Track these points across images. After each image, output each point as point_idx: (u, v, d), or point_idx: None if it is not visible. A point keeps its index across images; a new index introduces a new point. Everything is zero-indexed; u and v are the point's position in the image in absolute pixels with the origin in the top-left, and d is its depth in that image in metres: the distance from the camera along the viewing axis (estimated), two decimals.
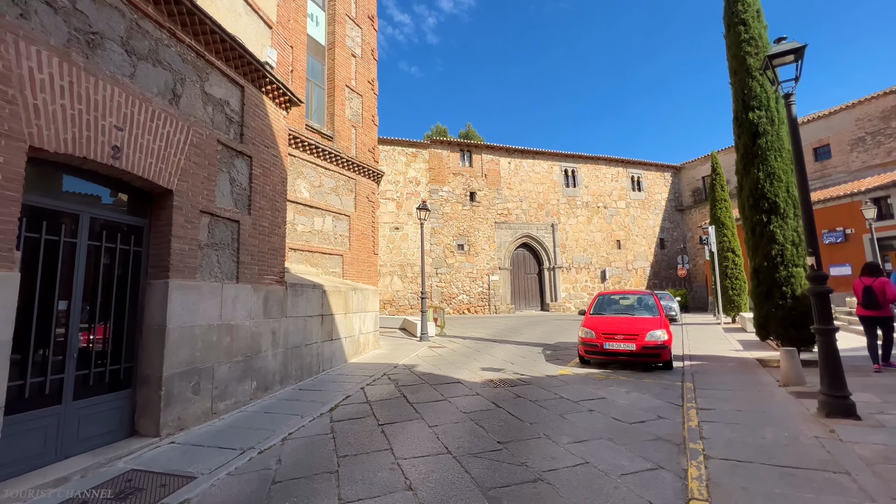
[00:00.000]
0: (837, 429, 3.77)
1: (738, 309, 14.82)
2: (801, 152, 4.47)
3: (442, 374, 7.20)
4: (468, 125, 44.55)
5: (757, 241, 7.15)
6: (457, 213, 24.57)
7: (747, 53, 7.35)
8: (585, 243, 27.24)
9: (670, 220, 30.31)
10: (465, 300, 24.02)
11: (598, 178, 28.48)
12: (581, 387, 6.04)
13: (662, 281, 28.97)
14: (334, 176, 9.44)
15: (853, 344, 8.28)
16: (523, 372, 7.21)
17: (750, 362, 7.53)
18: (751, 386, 5.70)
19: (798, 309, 6.70)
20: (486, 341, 11.48)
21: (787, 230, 6.87)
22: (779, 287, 6.87)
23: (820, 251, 4.34)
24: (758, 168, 7.13)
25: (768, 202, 7.00)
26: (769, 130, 7.09)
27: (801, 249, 6.84)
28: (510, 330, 14.41)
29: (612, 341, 7.15)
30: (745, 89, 7.35)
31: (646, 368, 7.19)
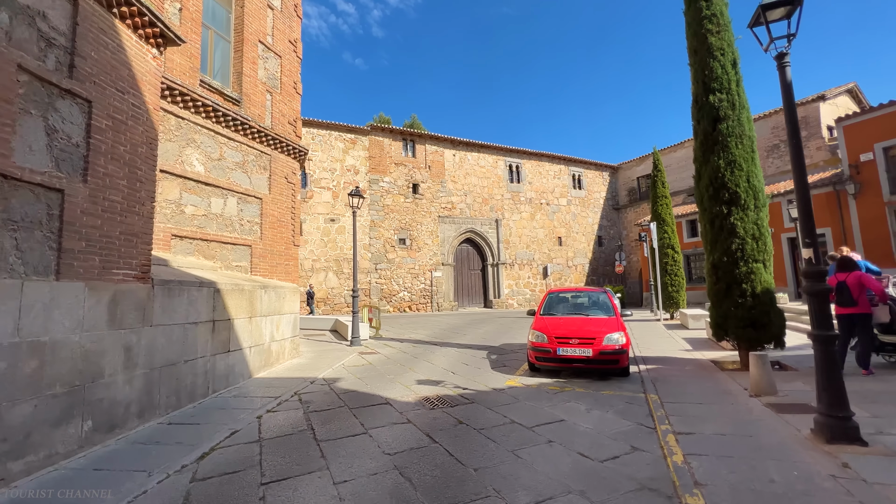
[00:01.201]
0: (850, 461, 3.04)
1: (677, 305, 14.98)
2: (796, 124, 3.75)
3: (368, 391, 5.90)
4: (413, 117, 43.11)
5: (716, 235, 6.63)
6: (399, 205, 23.16)
7: (708, 31, 6.79)
8: (529, 239, 27.05)
9: (608, 218, 31.12)
10: (406, 297, 22.72)
11: (542, 174, 28.43)
12: (534, 404, 5.04)
13: (600, 277, 29.66)
14: (241, 149, 7.71)
15: (796, 342, 8.16)
16: (466, 385, 6.11)
17: (705, 365, 7.03)
18: (720, 397, 5.03)
19: (758, 308, 6.23)
20: (426, 344, 10.31)
21: (747, 223, 6.38)
22: (738, 284, 6.37)
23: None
24: (718, 155, 6.60)
25: (729, 192, 6.48)
26: (730, 115, 6.57)
27: (761, 244, 6.39)
28: (452, 330, 13.37)
29: (567, 346, 6.27)
30: (706, 70, 6.79)
31: (602, 376, 6.40)
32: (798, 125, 3.72)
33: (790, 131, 3.78)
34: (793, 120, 3.75)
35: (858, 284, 5.51)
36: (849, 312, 5.67)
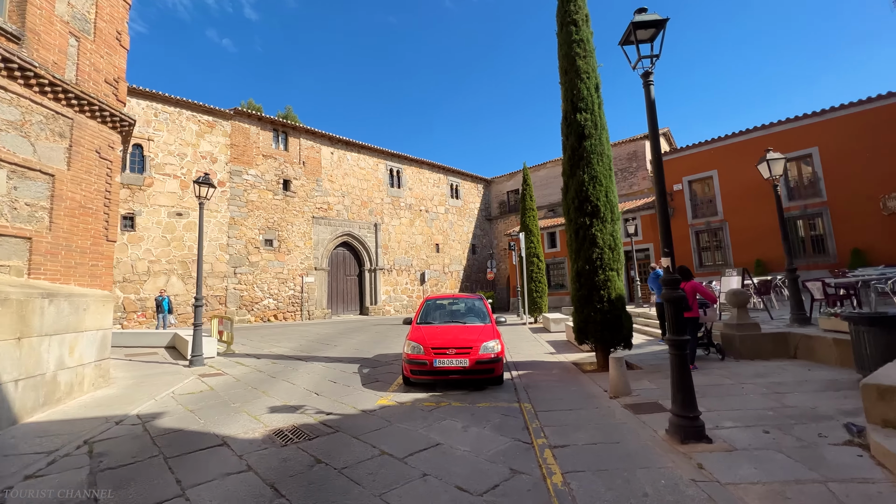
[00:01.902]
0: (703, 461, 3.19)
1: (541, 310, 16.23)
2: (657, 138, 3.99)
3: (200, 428, 4.62)
4: (288, 108, 39.76)
5: (580, 244, 7.07)
6: (266, 202, 20.68)
7: (577, 55, 7.29)
8: (407, 245, 26.89)
9: (481, 227, 32.92)
10: (271, 305, 20.32)
11: (422, 182, 28.66)
12: (408, 427, 4.49)
13: (473, 284, 31.10)
14: (19, 103, 5.58)
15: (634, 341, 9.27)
16: (331, 409, 5.27)
17: (569, 368, 7.43)
18: (585, 401, 5.19)
19: (612, 312, 6.78)
20: (289, 360, 9.01)
21: (605, 234, 6.94)
22: (597, 290, 6.86)
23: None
24: (583, 170, 7.07)
25: (591, 205, 6.97)
26: (594, 134, 7.12)
27: (615, 253, 6.99)
28: (322, 341, 12.15)
29: (444, 357, 5.91)
30: (575, 90, 7.26)
31: (477, 386, 6.20)
32: (659, 139, 3.96)
33: (653, 146, 4.00)
34: (654, 134, 3.98)
35: (693, 292, 6.34)
36: (686, 316, 6.51)
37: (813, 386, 4.96)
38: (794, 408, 4.25)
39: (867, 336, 4.82)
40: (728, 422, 3.97)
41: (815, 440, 3.42)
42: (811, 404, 4.31)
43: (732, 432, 3.71)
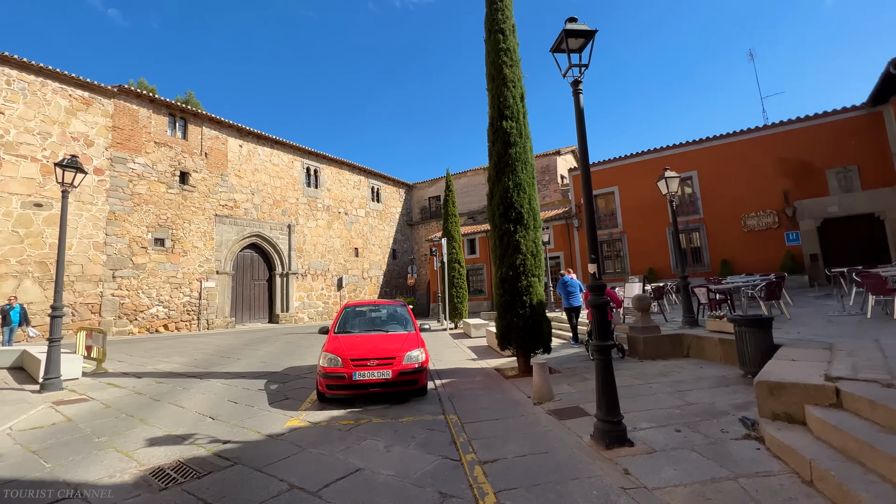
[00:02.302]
0: (628, 466, 3.22)
1: (461, 315, 16.33)
2: (585, 147, 4.05)
3: (45, 475, 3.62)
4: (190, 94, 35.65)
5: (504, 250, 7.11)
6: (158, 196, 18.11)
7: (504, 63, 7.39)
8: (324, 249, 25.52)
9: (402, 232, 32.58)
10: (161, 314, 17.76)
11: (342, 182, 27.51)
12: (323, 451, 3.98)
13: (393, 289, 30.57)
14: None
15: None
16: (229, 435, 4.52)
17: (491, 374, 7.40)
18: (511, 408, 5.12)
19: (534, 318, 6.91)
20: (180, 378, 7.77)
21: (528, 241, 7.06)
22: (520, 296, 6.94)
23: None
24: (508, 177, 7.14)
25: (515, 212, 7.06)
26: (518, 142, 7.24)
27: (537, 260, 7.15)
28: (223, 354, 10.79)
29: (365, 369, 5.45)
30: (501, 98, 7.34)
31: (400, 399, 5.83)
32: (587, 148, 4.03)
33: (581, 154, 4.06)
34: (583, 142, 4.05)
35: (611, 297, 6.71)
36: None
37: (707, 383, 5.45)
38: (696, 405, 4.58)
39: (748, 336, 5.43)
40: (644, 423, 4.13)
41: (720, 436, 3.66)
42: (709, 400, 4.69)
43: (650, 433, 3.85)
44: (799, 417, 3.48)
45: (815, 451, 2.93)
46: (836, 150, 16.35)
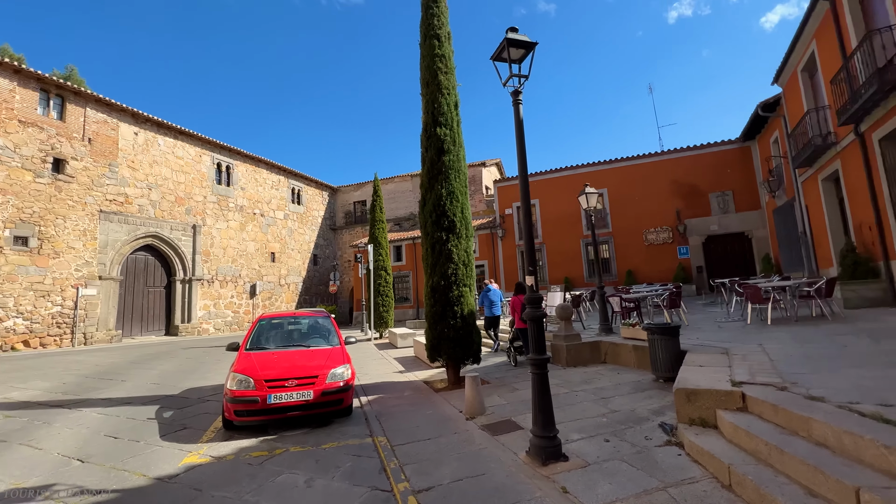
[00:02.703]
0: (566, 484, 3.17)
1: (387, 325, 15.85)
2: (524, 157, 4.02)
3: None
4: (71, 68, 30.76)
5: (436, 259, 6.94)
6: (21, 185, 15.11)
7: (439, 69, 7.28)
8: (236, 253, 23.33)
9: (324, 237, 31.09)
10: (20, 327, 14.74)
11: (258, 182, 25.48)
12: (228, 494, 3.39)
13: (313, 297, 28.94)
14: None
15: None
16: (104, 482, 3.68)
17: (420, 387, 7.14)
18: (443, 426, 4.91)
19: (465, 328, 6.81)
20: (38, 409, 6.33)
21: (460, 250, 6.97)
22: (451, 306, 6.81)
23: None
24: (441, 185, 7.01)
25: (448, 220, 6.93)
26: (452, 150, 7.15)
27: (469, 269, 7.08)
28: (103, 375, 9.14)
29: (282, 390, 4.86)
30: (436, 104, 7.21)
31: (323, 422, 5.31)
32: (526, 158, 4.00)
33: (520, 165, 4.02)
34: (522, 154, 4.01)
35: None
36: (525, 326, 7.12)
37: (626, 388, 5.75)
38: (619, 412, 4.77)
39: (660, 343, 5.85)
40: (575, 433, 4.16)
41: (645, 443, 3.80)
42: (630, 407, 4.91)
43: (582, 445, 3.87)
44: (711, 422, 3.74)
45: (730, 455, 3.12)
46: (717, 177, 18.93)
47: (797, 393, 3.50)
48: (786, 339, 5.98)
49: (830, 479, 2.39)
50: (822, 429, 2.81)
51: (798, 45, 11.62)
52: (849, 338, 5.61)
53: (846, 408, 3.02)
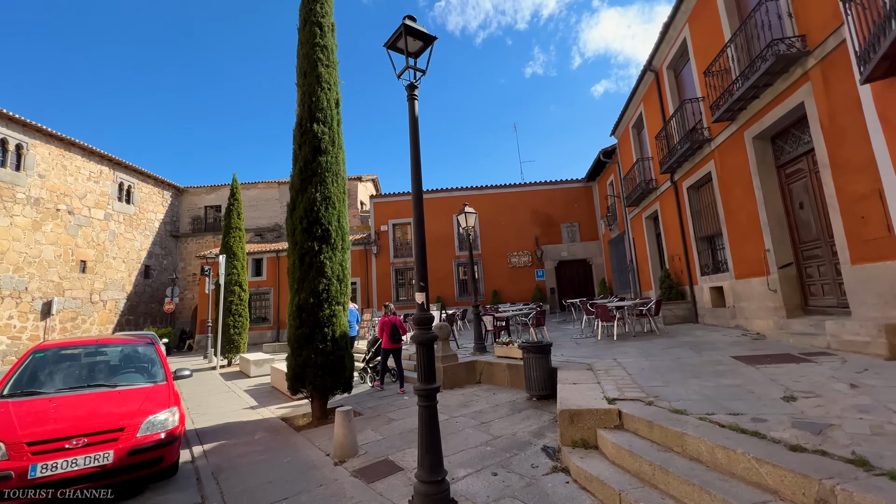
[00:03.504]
0: None
1: (238, 349, 13.55)
2: (418, 160, 3.58)
3: None
4: None
5: (305, 273, 5.98)
6: None
7: (319, 61, 6.50)
8: (24, 258, 17.65)
9: (163, 245, 25.98)
10: None
11: (68, 169, 20.00)
12: None
13: (141, 317, 23.63)
14: None
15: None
16: None
17: (278, 426, 5.96)
18: (306, 477, 3.99)
19: (336, 353, 5.96)
20: None
21: (334, 263, 6.16)
22: (321, 328, 5.90)
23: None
24: (316, 188, 6.15)
25: (321, 228, 6.08)
26: (330, 150, 6.37)
27: (343, 285, 6.29)
28: None
29: (59, 455, 3.34)
30: (314, 97, 6.38)
31: (132, 490, 3.85)
32: (419, 159, 3.57)
33: (413, 167, 3.56)
34: (416, 154, 3.57)
35: (401, 325, 7.53)
36: (397, 347, 7.56)
37: (504, 410, 5.64)
38: (501, 437, 4.55)
39: (534, 361, 5.95)
40: (461, 469, 3.75)
41: (532, 473, 3.58)
42: (511, 431, 4.75)
43: (470, 483, 3.47)
44: (593, 442, 3.73)
45: (618, 480, 3.06)
46: (567, 210, 21.68)
47: (662, 407, 3.71)
48: (633, 353, 6.67)
49: (717, 498, 2.41)
50: (695, 444, 2.92)
51: (630, 106, 14.06)
52: (678, 350, 6.52)
53: (707, 420, 3.24)
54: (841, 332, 5.17)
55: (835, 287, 6.27)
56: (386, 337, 7.71)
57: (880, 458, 2.33)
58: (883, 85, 4.37)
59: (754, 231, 7.55)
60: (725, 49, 7.46)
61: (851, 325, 5.01)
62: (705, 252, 10.06)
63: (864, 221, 5.16)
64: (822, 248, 6.44)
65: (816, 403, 3.37)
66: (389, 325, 7.53)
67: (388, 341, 7.56)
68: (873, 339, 4.71)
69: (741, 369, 4.84)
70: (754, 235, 7.57)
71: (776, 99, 6.55)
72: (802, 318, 6.58)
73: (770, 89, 6.62)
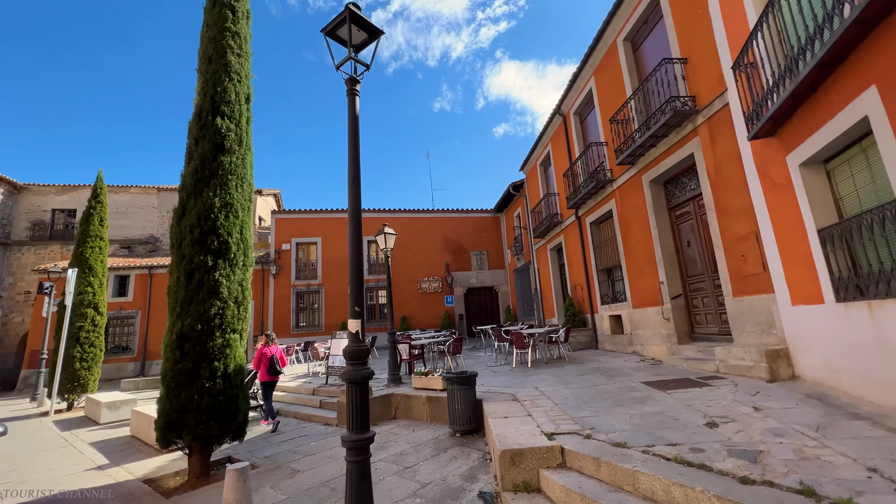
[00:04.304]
0: None
1: (85, 388, 10.78)
2: (357, 160, 3.07)
3: None
4: None
5: (193, 293, 4.87)
6: None
7: (230, 48, 5.62)
8: None
9: None
10: None
11: None
12: None
13: None
14: None
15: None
16: None
17: (139, 492, 4.59)
18: None
19: (228, 392, 4.89)
20: None
21: (233, 282, 5.15)
22: (210, 361, 4.81)
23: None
24: (215, 191, 5.15)
25: (219, 240, 5.07)
26: (236, 150, 5.45)
27: (242, 309, 5.28)
28: None
29: None
30: (220, 87, 5.44)
31: None
32: (359, 162, 3.07)
33: (351, 169, 3.05)
34: (355, 156, 3.06)
35: (281, 357, 7.21)
36: (275, 380, 7.20)
37: (427, 450, 5.12)
38: (430, 485, 4.03)
39: (459, 394, 5.59)
40: None
41: None
42: (440, 475, 4.26)
43: None
44: (535, 484, 3.44)
45: None
46: (477, 238, 22.33)
47: (602, 440, 3.59)
48: (552, 381, 6.71)
49: None
50: (649, 482, 2.78)
51: (539, 145, 15.13)
52: (592, 377, 6.73)
53: (650, 453, 3.17)
54: (728, 357, 5.77)
55: (716, 316, 7.11)
56: (264, 369, 7.14)
57: (821, 486, 2.39)
58: (762, 143, 5.12)
59: (650, 265, 8.34)
60: (628, 102, 8.35)
61: (737, 351, 5.61)
62: (606, 282, 10.91)
63: (743, 259, 5.93)
64: (706, 282, 7.31)
65: (737, 429, 3.54)
66: (269, 356, 7.10)
67: (265, 374, 7.08)
68: (756, 364, 5.31)
69: (656, 395, 5.06)
70: (650, 268, 8.36)
71: (670, 149, 7.43)
72: (691, 344, 7.32)
73: (665, 140, 7.49)
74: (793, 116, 4.36)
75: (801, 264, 4.67)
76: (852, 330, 3.93)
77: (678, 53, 7.06)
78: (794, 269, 4.85)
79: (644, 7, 8.07)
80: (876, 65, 3.20)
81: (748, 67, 4.94)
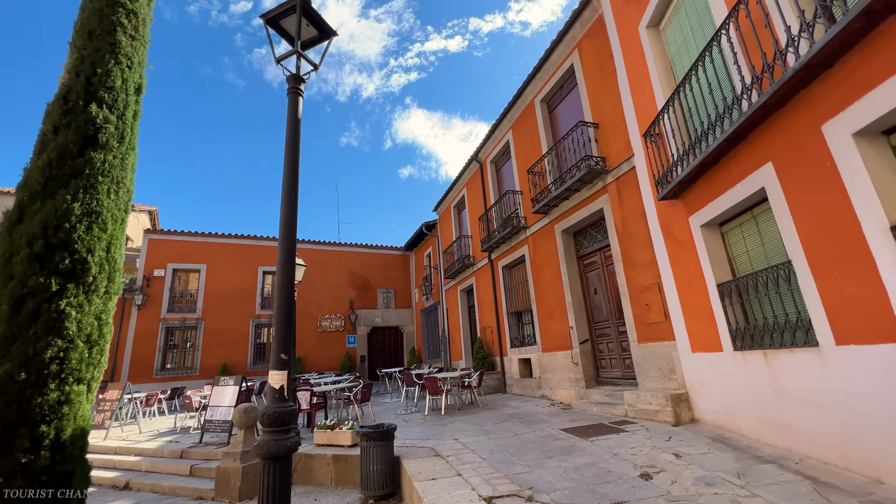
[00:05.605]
0: None
1: None
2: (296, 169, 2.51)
3: None
4: None
5: (20, 328, 3.53)
6: None
7: (121, 26, 4.62)
8: None
9: None
10: None
11: None
12: None
13: None
14: None
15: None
16: None
17: None
18: None
19: (60, 469, 3.52)
20: None
21: (87, 315, 3.89)
22: (34, 426, 3.45)
23: None
24: (75, 195, 3.97)
25: (73, 258, 3.84)
26: (115, 148, 4.34)
27: (96, 352, 3.99)
28: None
29: None
30: (101, 69, 4.37)
31: None
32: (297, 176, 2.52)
33: (287, 178, 2.48)
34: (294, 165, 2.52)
35: None
36: None
37: None
38: None
39: (374, 452, 4.90)
40: None
41: None
42: None
43: None
44: None
45: None
46: (385, 275, 21.67)
47: (546, 503, 3.29)
48: (471, 431, 6.34)
49: None
50: None
51: (454, 188, 15.53)
52: (510, 425, 6.52)
53: None
54: (636, 401, 6.05)
55: (620, 361, 7.56)
56: None
57: None
58: (667, 204, 5.73)
59: (560, 309, 8.71)
60: (545, 157, 8.96)
61: (645, 396, 5.92)
62: (516, 325, 11.14)
63: (647, 308, 6.44)
64: (611, 328, 7.80)
65: (670, 479, 3.53)
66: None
67: None
68: (661, 408, 5.63)
69: (579, 444, 5.00)
70: (560, 313, 8.72)
71: (582, 202, 8.04)
72: (598, 388, 7.63)
73: (578, 194, 8.11)
74: (696, 182, 4.94)
75: (701, 315, 5.16)
76: (749, 377, 4.35)
77: (591, 118, 7.84)
78: (694, 319, 5.34)
79: (560, 75, 8.94)
80: (773, 144, 3.76)
81: (656, 138, 5.58)
